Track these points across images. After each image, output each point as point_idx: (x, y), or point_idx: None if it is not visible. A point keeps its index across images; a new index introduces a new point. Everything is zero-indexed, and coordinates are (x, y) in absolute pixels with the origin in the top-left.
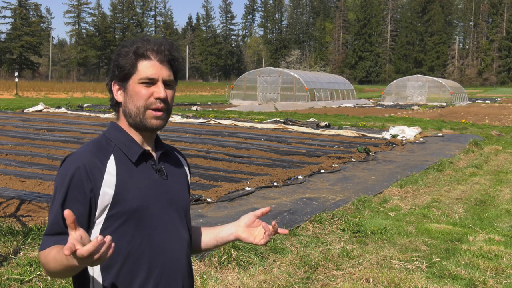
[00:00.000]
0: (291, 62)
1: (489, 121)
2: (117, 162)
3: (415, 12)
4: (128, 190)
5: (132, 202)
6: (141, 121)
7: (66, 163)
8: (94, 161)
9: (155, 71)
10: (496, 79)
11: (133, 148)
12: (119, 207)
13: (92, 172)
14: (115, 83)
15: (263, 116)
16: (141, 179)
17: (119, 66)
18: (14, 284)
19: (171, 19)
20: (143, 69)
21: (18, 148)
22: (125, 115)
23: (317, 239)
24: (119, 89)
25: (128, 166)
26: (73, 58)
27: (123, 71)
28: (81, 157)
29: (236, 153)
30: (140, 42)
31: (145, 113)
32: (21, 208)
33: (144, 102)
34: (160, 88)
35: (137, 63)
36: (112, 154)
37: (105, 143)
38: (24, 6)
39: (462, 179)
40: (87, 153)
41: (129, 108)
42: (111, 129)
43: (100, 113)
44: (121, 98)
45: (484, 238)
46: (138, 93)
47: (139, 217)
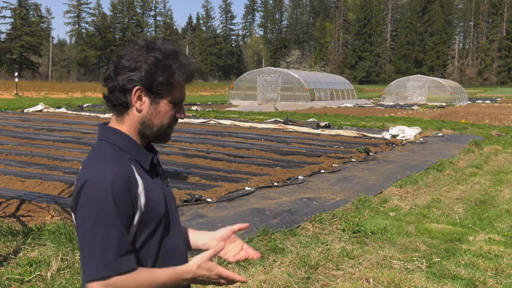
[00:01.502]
0: (291, 62)
1: (489, 121)
2: (137, 171)
3: (415, 12)
4: (152, 198)
5: (158, 210)
6: (160, 136)
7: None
8: (127, 172)
9: (184, 92)
10: (496, 79)
11: (145, 156)
12: (150, 215)
13: (130, 184)
14: (140, 89)
15: (263, 116)
16: (156, 185)
17: (162, 82)
18: (14, 284)
19: (171, 19)
20: (179, 90)
21: (18, 148)
22: (143, 125)
23: (317, 239)
24: (142, 96)
25: (144, 174)
26: (73, 58)
27: (166, 89)
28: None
29: (236, 153)
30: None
31: (167, 130)
32: (21, 208)
33: (169, 121)
34: (183, 109)
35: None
36: (132, 164)
37: (119, 153)
38: (24, 6)
39: (462, 179)
40: (113, 164)
41: (154, 122)
42: (115, 136)
43: (100, 113)
44: (143, 107)
45: (484, 238)
46: (168, 112)
47: (163, 224)
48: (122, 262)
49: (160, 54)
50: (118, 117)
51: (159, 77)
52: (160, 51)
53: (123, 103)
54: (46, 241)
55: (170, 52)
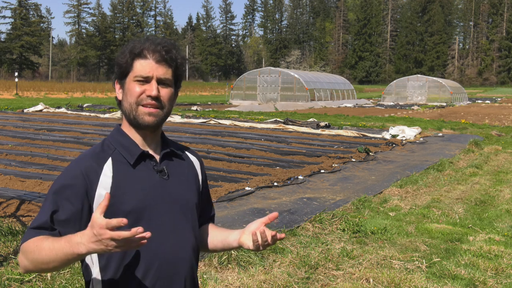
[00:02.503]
0: (291, 62)
1: (489, 121)
2: (114, 165)
3: (415, 12)
4: (124, 192)
5: (127, 203)
6: (134, 117)
7: (66, 168)
8: (91, 164)
9: (148, 70)
10: (496, 79)
11: (131, 150)
12: (114, 208)
13: (87, 175)
14: (117, 81)
15: (263, 116)
16: (140, 181)
17: (118, 64)
18: (14, 284)
19: (171, 19)
20: (137, 67)
21: (18, 148)
22: (123, 113)
23: (317, 239)
24: (120, 88)
25: (126, 168)
26: (73, 58)
27: (120, 69)
28: (79, 161)
29: (236, 153)
30: (138, 42)
31: (137, 109)
32: (21, 208)
33: (136, 99)
34: (152, 86)
35: (133, 61)
36: (110, 157)
37: (106, 147)
38: (24, 6)
39: (462, 179)
40: (86, 157)
41: (124, 105)
42: (113, 132)
43: (100, 113)
44: (121, 96)
45: (484, 238)
46: (131, 90)
47: (134, 219)
48: (30, 233)
49: (127, 43)
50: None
51: (117, 62)
52: (129, 42)
53: (117, 99)
54: None
55: (133, 41)
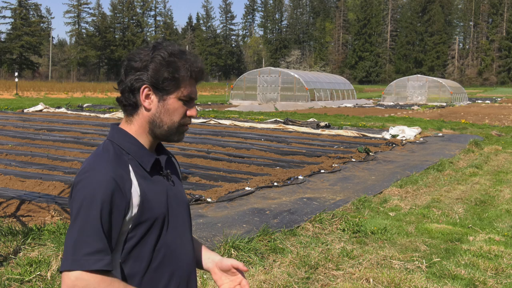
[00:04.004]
0: (291, 62)
1: (489, 121)
2: (135, 172)
3: (415, 12)
4: (149, 199)
5: (155, 210)
6: (171, 134)
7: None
8: (121, 172)
9: (195, 91)
10: (496, 79)
11: (145, 157)
12: (144, 216)
13: (123, 184)
14: (147, 88)
15: (263, 116)
16: (157, 187)
17: (167, 78)
18: (14, 284)
19: (171, 19)
20: (188, 88)
21: (18, 148)
22: (152, 124)
23: (317, 239)
24: (150, 95)
25: (144, 174)
26: (73, 58)
27: (171, 85)
28: (106, 169)
29: (236, 153)
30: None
31: (179, 129)
32: (21, 208)
33: (179, 119)
34: (195, 108)
35: (188, 81)
36: (129, 164)
37: (119, 152)
38: (24, 6)
39: (462, 179)
40: (109, 164)
41: (163, 120)
42: (119, 136)
43: (100, 113)
44: (151, 106)
45: (484, 238)
46: (178, 109)
47: (160, 224)
48: (89, 260)
49: (166, 52)
50: (128, 118)
51: (164, 73)
52: (165, 50)
53: (132, 103)
54: (46, 241)
55: (176, 50)
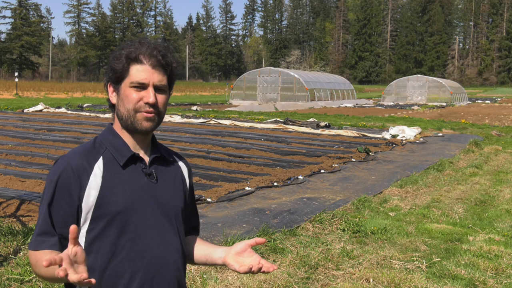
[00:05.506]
0: (291, 62)
1: (489, 121)
2: (105, 165)
3: (415, 12)
4: (113, 192)
5: (116, 204)
6: (132, 123)
7: (56, 164)
8: (82, 163)
9: (146, 76)
10: (496, 79)
11: (122, 152)
12: (103, 209)
13: (78, 174)
14: (110, 85)
15: (263, 116)
16: (129, 183)
17: (113, 68)
18: (14, 284)
19: (171, 19)
20: (134, 73)
21: (18, 148)
22: (118, 117)
23: (317, 239)
24: (113, 91)
25: (116, 169)
26: (73, 58)
27: (115, 74)
28: (69, 159)
29: (236, 153)
30: (134, 46)
31: (136, 116)
32: (21, 208)
33: (134, 106)
34: (150, 93)
35: (129, 67)
36: (101, 156)
37: (98, 146)
38: (24, 6)
39: (462, 179)
40: (76, 155)
41: (121, 110)
42: (105, 132)
43: (100, 113)
44: (115, 100)
45: (484, 238)
46: (128, 96)
47: (123, 220)
48: (38, 241)
49: (118, 48)
50: (113, 116)
51: (111, 66)
52: (120, 46)
53: (110, 103)
54: None
55: (129, 43)
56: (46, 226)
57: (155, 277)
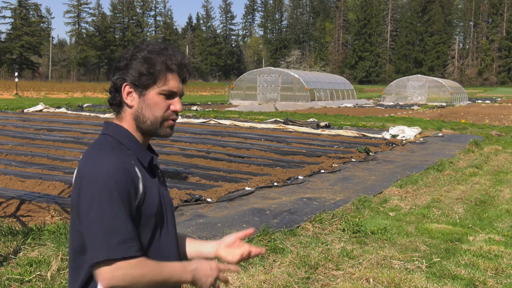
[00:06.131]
0: (291, 62)
1: (489, 121)
2: (137, 165)
3: (415, 12)
4: (149, 194)
5: (153, 206)
6: (156, 129)
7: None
8: (130, 161)
9: (176, 85)
10: (496, 79)
11: (143, 153)
12: (144, 209)
13: (131, 173)
14: (128, 85)
15: (263, 116)
16: (153, 184)
17: (144, 73)
18: (14, 284)
19: (171, 19)
20: (168, 82)
21: (18, 148)
22: (137, 120)
23: (317, 239)
24: (132, 93)
25: (143, 170)
26: (73, 58)
27: (148, 79)
28: (115, 158)
29: (236, 153)
30: (167, 54)
31: (163, 123)
32: (21, 208)
33: (162, 113)
34: (179, 102)
35: (165, 75)
36: (132, 159)
37: (121, 146)
38: (24, 6)
39: (462, 179)
40: (115, 153)
41: (146, 115)
42: (117, 131)
43: (100, 113)
44: (133, 103)
45: (484, 238)
46: (158, 103)
47: (156, 220)
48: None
49: (145, 50)
50: (118, 116)
51: (141, 69)
52: (146, 48)
53: (117, 102)
54: (46, 241)
55: (156, 47)
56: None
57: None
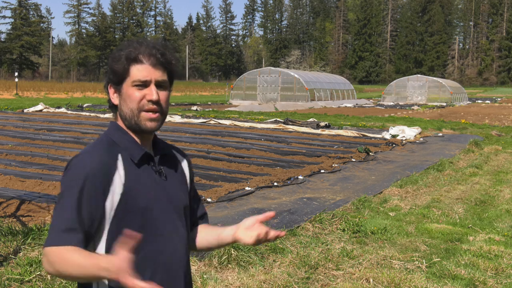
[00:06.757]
0: (291, 62)
1: (489, 121)
2: (124, 162)
3: (415, 12)
4: (134, 191)
5: (138, 202)
6: (136, 123)
7: (77, 162)
8: (108, 159)
9: (147, 74)
10: (496, 79)
11: (135, 149)
12: (127, 207)
13: (106, 171)
14: (111, 86)
15: (263, 116)
16: (145, 180)
17: (113, 70)
18: (14, 284)
19: (171, 19)
20: (135, 72)
21: (18, 148)
22: (121, 118)
23: (317, 239)
24: (114, 92)
25: (132, 166)
26: (73, 58)
27: (116, 75)
28: (93, 156)
29: (236, 153)
30: (132, 46)
31: (139, 115)
32: (21, 208)
33: (137, 105)
34: (152, 90)
35: (130, 67)
36: (119, 154)
37: (112, 143)
38: (24, 6)
39: (462, 179)
40: (98, 151)
41: (124, 111)
42: (113, 130)
43: (100, 113)
44: (117, 101)
45: (484, 238)
46: (131, 95)
47: (144, 218)
48: (59, 237)
49: (117, 49)
50: (115, 117)
51: (112, 67)
52: (118, 47)
53: (111, 104)
54: None
55: (126, 43)
56: (73, 222)
57: (172, 271)
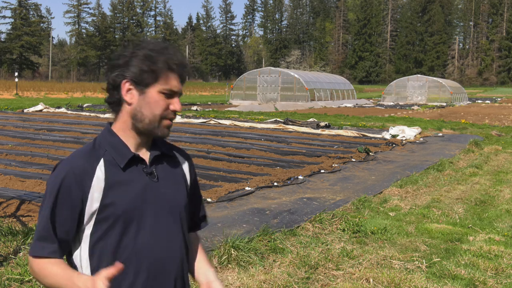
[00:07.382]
0: (291, 62)
1: (489, 121)
2: (106, 166)
3: (415, 12)
4: (116, 194)
5: (119, 206)
6: (154, 128)
7: (57, 168)
8: (84, 165)
9: (177, 84)
10: (496, 79)
11: (122, 153)
12: (107, 211)
13: (81, 177)
14: (128, 83)
15: (263, 116)
16: (131, 183)
17: (145, 70)
18: (14, 284)
19: (171, 19)
20: (170, 81)
21: (18, 148)
22: (134, 118)
23: (317, 239)
24: (131, 90)
25: (117, 170)
26: (73, 58)
27: (149, 77)
28: (70, 163)
29: (236, 153)
30: (168, 52)
31: (161, 122)
32: (21, 208)
33: (162, 112)
34: (178, 102)
35: (166, 73)
36: (102, 158)
37: (98, 147)
38: (24, 6)
39: (462, 179)
40: (77, 158)
41: (144, 113)
42: (104, 132)
43: (100, 113)
44: (133, 100)
45: (484, 238)
46: (158, 102)
47: (126, 221)
48: (39, 247)
49: (146, 48)
50: (114, 115)
51: (142, 67)
52: (146, 46)
53: (116, 100)
54: None
55: (157, 46)
56: (46, 231)
57: (159, 275)
